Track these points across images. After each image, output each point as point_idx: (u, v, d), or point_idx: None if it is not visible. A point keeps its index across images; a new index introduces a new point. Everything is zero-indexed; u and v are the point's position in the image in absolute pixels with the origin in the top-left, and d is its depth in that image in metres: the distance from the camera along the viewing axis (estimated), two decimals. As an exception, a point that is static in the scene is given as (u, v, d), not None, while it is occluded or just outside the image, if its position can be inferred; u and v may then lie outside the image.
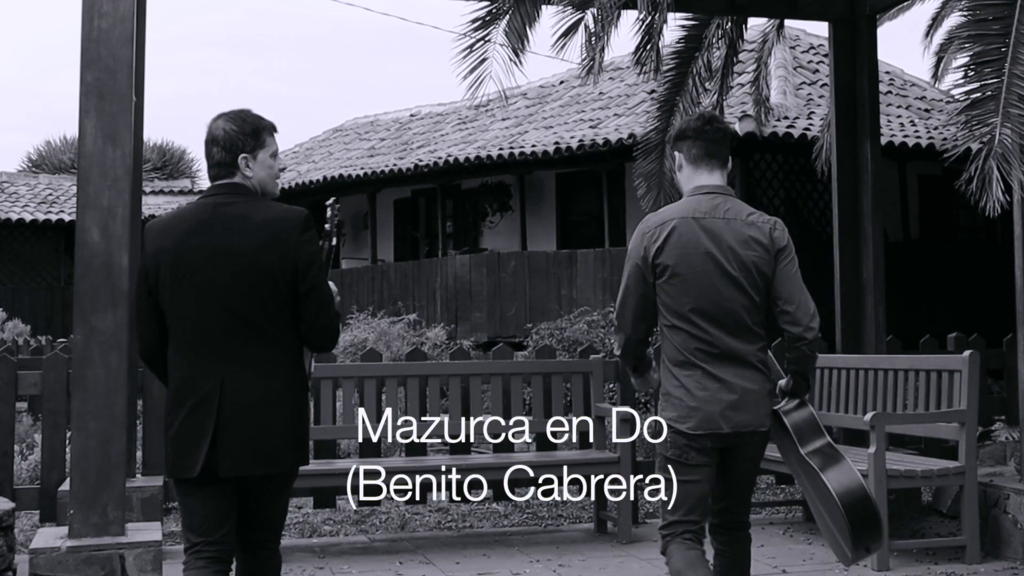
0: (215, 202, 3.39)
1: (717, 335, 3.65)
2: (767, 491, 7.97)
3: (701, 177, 3.80)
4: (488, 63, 6.50)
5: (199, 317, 3.31)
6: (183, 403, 3.30)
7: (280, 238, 3.32)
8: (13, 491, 6.15)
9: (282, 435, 3.32)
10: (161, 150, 31.46)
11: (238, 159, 3.40)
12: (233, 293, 3.29)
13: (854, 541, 3.72)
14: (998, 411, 7.95)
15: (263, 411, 3.29)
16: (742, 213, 3.76)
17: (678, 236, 3.67)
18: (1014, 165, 5.08)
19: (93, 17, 4.96)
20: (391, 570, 5.68)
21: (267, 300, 3.30)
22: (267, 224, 3.33)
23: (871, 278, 7.08)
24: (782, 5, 7.62)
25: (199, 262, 3.30)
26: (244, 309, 3.29)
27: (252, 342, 3.30)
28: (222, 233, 3.32)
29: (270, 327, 3.31)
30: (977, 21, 5.60)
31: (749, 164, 13.27)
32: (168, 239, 3.36)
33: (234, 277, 3.29)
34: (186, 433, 3.28)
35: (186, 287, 3.31)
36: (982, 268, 14.08)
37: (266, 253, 3.30)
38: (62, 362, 6.25)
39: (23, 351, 12.14)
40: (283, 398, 3.33)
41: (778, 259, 3.82)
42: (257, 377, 3.30)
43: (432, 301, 16.62)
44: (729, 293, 3.67)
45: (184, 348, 3.33)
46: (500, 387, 6.82)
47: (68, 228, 21.72)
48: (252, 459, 3.27)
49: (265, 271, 3.29)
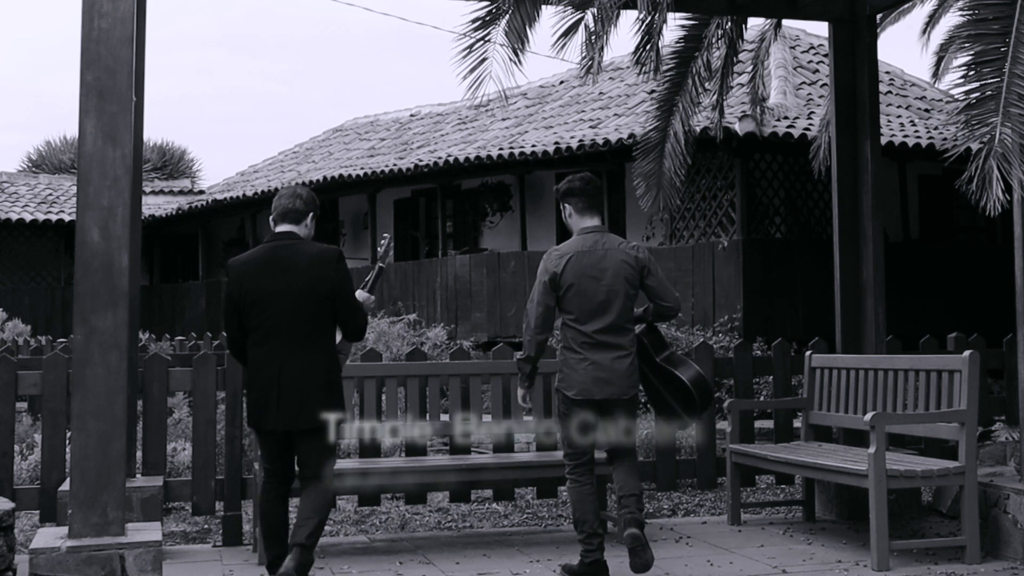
0: (277, 245, 5.06)
1: (596, 331, 5.37)
2: (767, 491, 7.97)
3: (585, 221, 5.57)
4: (488, 63, 6.49)
5: (267, 324, 4.92)
6: (256, 380, 4.95)
7: (324, 270, 4.96)
8: (13, 491, 6.15)
9: (317, 403, 4.89)
10: (161, 150, 31.48)
11: (308, 215, 5.13)
12: (289, 309, 4.91)
13: (692, 410, 5.56)
14: (998, 411, 7.95)
15: (304, 387, 4.87)
16: (615, 244, 5.52)
17: (573, 264, 5.41)
18: (1014, 164, 5.07)
19: (93, 17, 4.96)
20: (391, 570, 5.69)
21: (312, 312, 4.92)
22: (312, 259, 4.98)
23: (871, 278, 7.08)
24: (782, 5, 7.62)
25: (272, 289, 4.93)
26: (295, 319, 4.91)
27: (299, 341, 4.90)
28: (283, 267, 4.96)
29: (312, 331, 4.92)
30: (977, 21, 5.60)
31: (749, 164, 13.27)
32: (250, 272, 5.01)
33: (290, 298, 4.91)
34: (260, 401, 4.92)
35: (258, 304, 4.93)
36: (982, 268, 14.09)
37: (312, 280, 4.93)
38: (62, 362, 6.25)
39: (23, 351, 12.14)
40: (318, 379, 4.91)
41: (644, 273, 5.52)
42: (302, 365, 4.89)
43: (432, 301, 16.62)
44: (606, 302, 5.39)
45: (257, 344, 4.95)
46: (500, 387, 6.82)
47: (68, 228, 21.73)
48: (295, 419, 4.88)
49: (311, 292, 4.92)
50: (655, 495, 7.84)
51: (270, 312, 4.90)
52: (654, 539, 6.39)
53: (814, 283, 11.92)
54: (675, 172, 8.03)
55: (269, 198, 19.84)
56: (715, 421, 7.34)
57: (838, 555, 5.96)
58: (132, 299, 5.30)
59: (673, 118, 8.17)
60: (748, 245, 13.03)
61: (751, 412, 7.41)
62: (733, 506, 6.86)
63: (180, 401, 9.36)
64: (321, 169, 20.75)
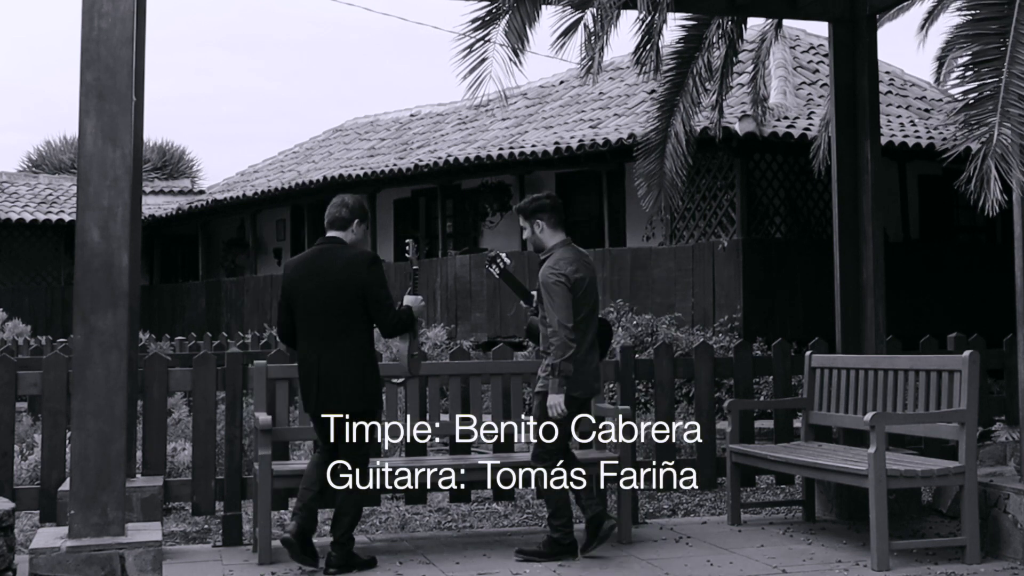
0: (321, 248, 5.72)
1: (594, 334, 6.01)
2: (767, 491, 7.97)
3: (558, 235, 6.09)
4: (488, 63, 6.48)
5: (310, 319, 5.62)
6: (301, 368, 5.69)
7: (356, 271, 5.59)
8: (13, 491, 6.16)
9: (350, 391, 5.56)
10: (161, 150, 31.47)
11: (354, 222, 5.73)
12: (325, 306, 5.58)
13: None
14: (998, 411, 7.95)
15: (337, 378, 5.56)
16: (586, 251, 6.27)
17: (581, 271, 5.96)
18: (1013, 164, 5.07)
19: (93, 17, 4.96)
20: (391, 570, 5.69)
21: (344, 310, 5.57)
22: (347, 262, 5.62)
23: (871, 278, 7.08)
24: (782, 5, 7.62)
25: (311, 286, 5.63)
26: (330, 316, 5.58)
27: (335, 334, 5.58)
28: (322, 268, 5.63)
29: (347, 325, 5.58)
30: (976, 20, 5.60)
31: (749, 164, 13.27)
32: (297, 271, 5.73)
33: (325, 296, 5.58)
34: (303, 387, 5.68)
35: (300, 301, 5.65)
36: (982, 268, 14.08)
37: (344, 281, 5.57)
38: (62, 362, 6.25)
39: (23, 351, 12.12)
40: (351, 371, 5.58)
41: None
42: (338, 355, 5.57)
43: (432, 301, 16.61)
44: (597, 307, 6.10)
45: (302, 337, 5.68)
46: (500, 387, 6.82)
47: (68, 228, 21.72)
48: (331, 405, 5.56)
49: (343, 291, 5.57)
50: (655, 495, 7.84)
51: (310, 308, 5.61)
52: (654, 539, 6.40)
53: (814, 283, 11.92)
54: (676, 172, 8.03)
55: (269, 198, 20.00)
56: (715, 421, 7.34)
57: (838, 555, 5.96)
58: (132, 299, 5.30)
59: (674, 118, 8.16)
60: (748, 245, 13.03)
61: (751, 412, 7.40)
62: (733, 506, 6.86)
63: (180, 401, 9.36)
64: (321, 169, 20.74)
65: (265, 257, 21.61)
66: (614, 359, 7.24)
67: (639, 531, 6.58)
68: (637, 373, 7.25)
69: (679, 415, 8.41)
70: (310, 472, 5.71)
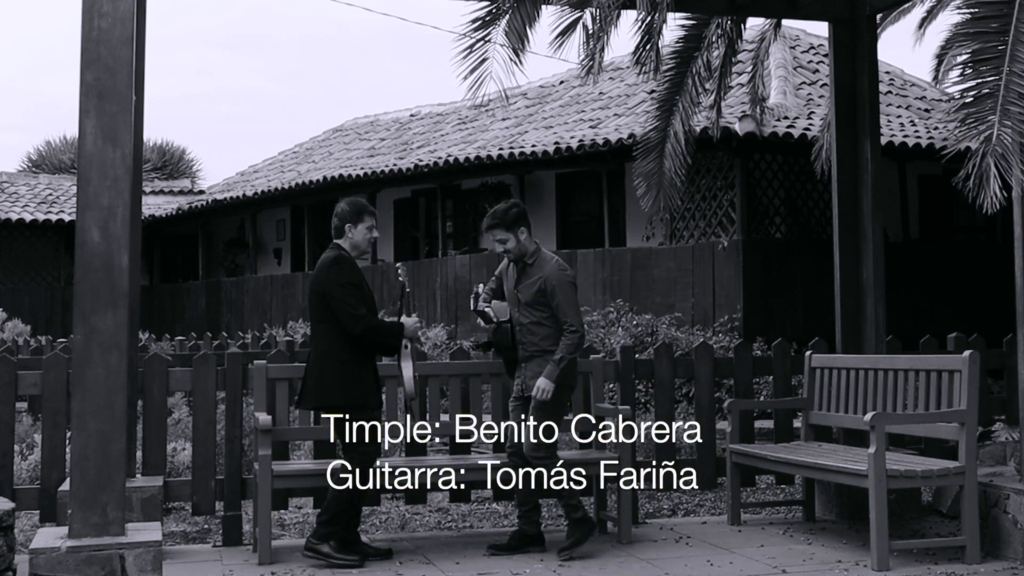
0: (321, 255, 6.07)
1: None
2: (767, 491, 7.97)
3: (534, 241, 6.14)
4: (488, 63, 6.49)
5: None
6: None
7: (319, 273, 5.88)
8: (13, 491, 6.16)
9: (319, 388, 5.83)
10: (161, 150, 31.45)
11: (345, 228, 5.92)
12: (308, 308, 6.09)
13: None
14: (998, 411, 7.95)
15: (307, 373, 5.93)
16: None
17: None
18: (1013, 163, 5.07)
19: (93, 17, 4.96)
20: (391, 570, 5.68)
21: (316, 310, 5.90)
22: (319, 265, 5.92)
23: (871, 278, 7.08)
24: (782, 5, 7.62)
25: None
26: (310, 317, 6.00)
27: (313, 335, 5.99)
28: (313, 274, 5.98)
29: (315, 324, 5.93)
30: (976, 19, 5.60)
31: (749, 164, 13.27)
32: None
33: (309, 299, 6.05)
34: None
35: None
36: (982, 268, 14.08)
37: (314, 283, 5.90)
38: (62, 362, 6.25)
39: (23, 351, 12.12)
40: (313, 368, 5.89)
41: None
42: (311, 354, 5.96)
43: (432, 301, 16.62)
44: None
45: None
46: (500, 387, 6.81)
47: (68, 228, 21.72)
48: (301, 402, 6.04)
49: (314, 293, 5.90)
50: (655, 495, 7.84)
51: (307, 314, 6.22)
52: (654, 539, 6.40)
53: (814, 283, 11.92)
54: (675, 172, 8.03)
55: (269, 198, 19.98)
56: (715, 421, 7.34)
57: (838, 555, 5.96)
58: (132, 299, 5.30)
59: (673, 118, 8.16)
60: (748, 245, 13.03)
61: (751, 412, 7.40)
62: (733, 506, 6.86)
63: (180, 401, 9.36)
64: (321, 169, 20.74)
65: (265, 257, 21.61)
66: (614, 359, 7.23)
67: (639, 531, 6.58)
68: (637, 373, 7.25)
69: (679, 415, 8.41)
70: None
